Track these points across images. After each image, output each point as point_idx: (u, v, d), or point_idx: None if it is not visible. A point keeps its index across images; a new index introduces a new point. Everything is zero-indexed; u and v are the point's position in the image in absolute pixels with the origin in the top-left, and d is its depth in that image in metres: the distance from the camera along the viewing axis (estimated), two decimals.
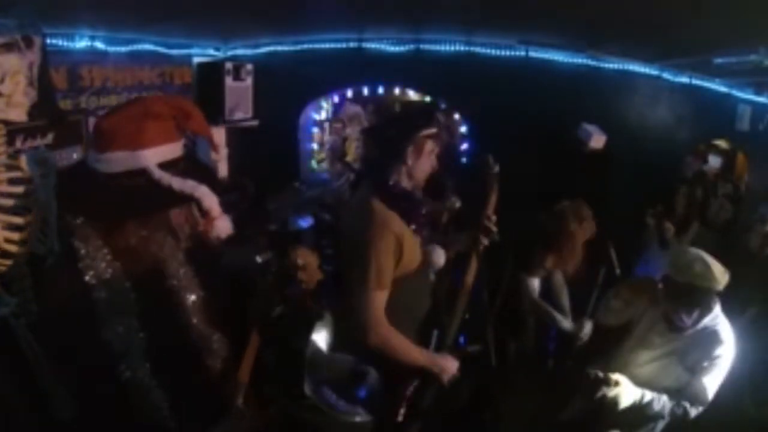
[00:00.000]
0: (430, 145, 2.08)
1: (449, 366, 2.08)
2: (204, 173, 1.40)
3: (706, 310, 2.28)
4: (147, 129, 1.25)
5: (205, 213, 1.33)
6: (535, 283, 3.21)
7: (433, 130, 2.08)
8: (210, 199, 1.30)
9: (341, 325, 1.84)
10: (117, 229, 1.29)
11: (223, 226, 1.36)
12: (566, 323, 3.13)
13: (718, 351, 2.25)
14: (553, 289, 3.24)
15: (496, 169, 2.32)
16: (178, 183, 1.26)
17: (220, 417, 1.37)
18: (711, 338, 2.28)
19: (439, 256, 2.23)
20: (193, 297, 1.41)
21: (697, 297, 2.24)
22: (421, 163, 2.08)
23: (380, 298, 1.97)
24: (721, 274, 2.21)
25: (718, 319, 2.31)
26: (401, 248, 2.00)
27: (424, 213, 2.19)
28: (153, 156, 1.25)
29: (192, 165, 1.36)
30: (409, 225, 2.07)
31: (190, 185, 1.27)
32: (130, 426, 1.26)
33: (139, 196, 1.26)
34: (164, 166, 1.27)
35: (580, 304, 3.13)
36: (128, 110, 1.31)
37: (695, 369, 2.28)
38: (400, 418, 2.01)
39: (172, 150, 1.31)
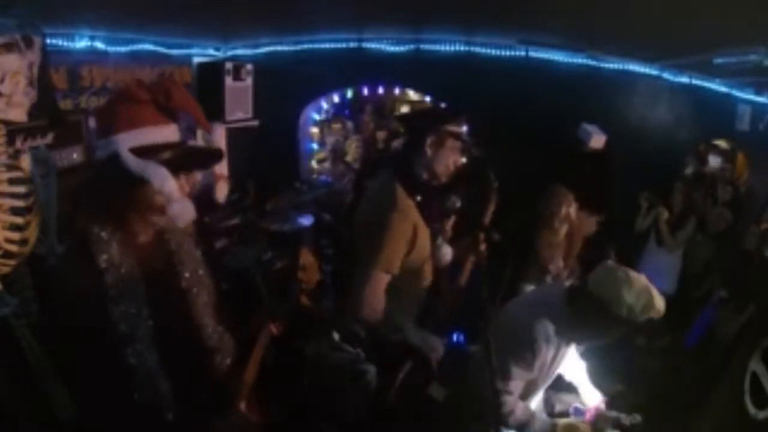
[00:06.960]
0: (451, 143, 2.12)
1: (438, 346, 2.12)
2: (207, 158, 1.36)
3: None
4: (119, 114, 1.22)
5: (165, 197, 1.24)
6: (526, 288, 3.20)
7: (456, 128, 2.13)
8: (162, 182, 1.21)
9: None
10: (125, 220, 1.29)
11: (179, 211, 1.25)
12: None
13: None
14: None
15: (496, 184, 2.35)
16: (134, 164, 1.20)
17: (220, 413, 1.37)
18: None
19: (446, 254, 2.26)
20: (200, 294, 1.41)
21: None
22: (441, 158, 2.12)
23: (383, 280, 2.02)
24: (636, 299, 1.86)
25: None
26: (415, 237, 2.06)
27: (437, 208, 2.23)
28: (124, 140, 1.21)
29: (191, 151, 1.28)
30: (423, 216, 2.13)
31: (143, 166, 1.20)
32: (129, 419, 1.25)
33: (106, 182, 1.24)
34: (144, 150, 1.21)
35: None
36: (109, 98, 1.31)
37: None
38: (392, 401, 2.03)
39: (154, 134, 1.24)
